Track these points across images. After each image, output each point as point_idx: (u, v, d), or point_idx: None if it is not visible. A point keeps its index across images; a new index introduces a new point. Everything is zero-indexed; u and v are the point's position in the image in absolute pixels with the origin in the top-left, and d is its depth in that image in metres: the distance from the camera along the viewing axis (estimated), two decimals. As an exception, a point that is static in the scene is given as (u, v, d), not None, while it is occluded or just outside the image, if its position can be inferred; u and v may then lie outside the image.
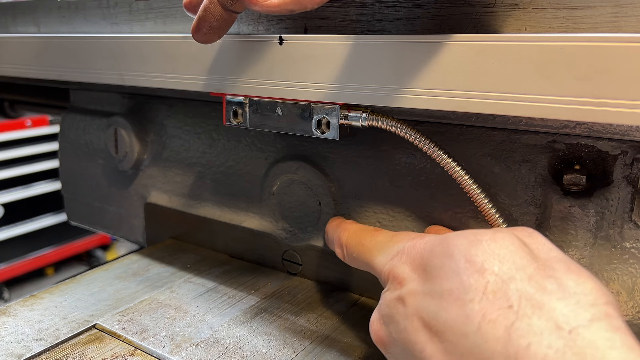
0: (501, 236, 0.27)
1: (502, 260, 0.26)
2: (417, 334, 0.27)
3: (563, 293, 0.24)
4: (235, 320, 0.44)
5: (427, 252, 0.30)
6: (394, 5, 0.37)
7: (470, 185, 0.37)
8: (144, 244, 0.64)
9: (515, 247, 0.27)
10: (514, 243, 0.27)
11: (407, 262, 0.31)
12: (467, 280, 0.26)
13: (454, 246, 0.28)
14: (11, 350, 0.39)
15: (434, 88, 0.32)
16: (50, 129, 2.10)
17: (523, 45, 0.28)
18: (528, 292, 0.24)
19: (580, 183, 0.36)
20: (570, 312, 0.23)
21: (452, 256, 0.27)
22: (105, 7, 0.54)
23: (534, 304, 0.24)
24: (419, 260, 0.30)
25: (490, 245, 0.27)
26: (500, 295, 0.25)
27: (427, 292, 0.28)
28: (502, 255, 0.26)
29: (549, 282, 0.25)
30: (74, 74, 0.53)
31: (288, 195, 0.51)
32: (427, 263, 0.29)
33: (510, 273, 0.25)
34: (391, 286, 0.31)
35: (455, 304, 0.26)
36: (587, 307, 0.24)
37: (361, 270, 0.38)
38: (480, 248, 0.27)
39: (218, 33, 0.36)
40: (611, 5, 0.29)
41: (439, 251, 0.29)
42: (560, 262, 0.26)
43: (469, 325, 0.25)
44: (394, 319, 0.30)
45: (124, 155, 0.62)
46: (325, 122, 0.39)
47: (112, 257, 2.34)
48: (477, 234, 0.28)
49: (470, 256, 0.27)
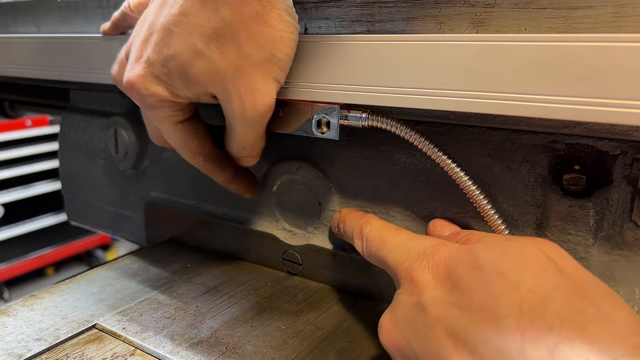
0: (530, 251, 0.27)
1: (535, 277, 0.26)
2: (440, 344, 0.27)
3: (603, 319, 0.24)
4: (235, 320, 0.44)
5: (452, 261, 0.29)
6: (394, 5, 0.37)
7: (469, 185, 0.37)
8: (144, 244, 0.64)
9: (546, 263, 0.27)
10: (543, 258, 0.27)
11: (428, 268, 0.30)
12: (500, 295, 0.25)
13: (483, 258, 0.27)
14: (11, 350, 0.39)
15: (434, 88, 0.32)
16: (50, 129, 2.10)
17: (523, 45, 0.28)
18: (567, 315, 0.24)
19: (580, 183, 0.36)
20: (613, 340, 0.23)
21: (481, 268, 0.27)
22: (105, 7, 0.54)
23: (575, 328, 0.24)
24: (443, 269, 0.29)
25: (521, 260, 0.27)
26: (537, 314, 0.24)
27: (453, 303, 0.27)
28: (534, 271, 0.26)
29: (587, 305, 0.25)
30: (74, 74, 0.53)
31: (288, 195, 0.51)
32: (452, 272, 0.28)
33: (546, 291, 0.25)
34: (408, 289, 0.31)
35: (488, 319, 0.25)
36: (629, 336, 0.23)
37: (361, 270, 0.38)
38: (511, 261, 0.27)
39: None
40: (611, 5, 0.29)
41: (467, 262, 0.28)
42: (591, 283, 0.26)
43: (509, 343, 0.24)
44: (412, 325, 0.29)
45: (124, 155, 0.62)
46: (325, 122, 0.39)
47: (112, 257, 2.34)
48: (505, 247, 0.28)
49: (501, 270, 0.26)
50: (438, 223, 0.41)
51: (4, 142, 1.98)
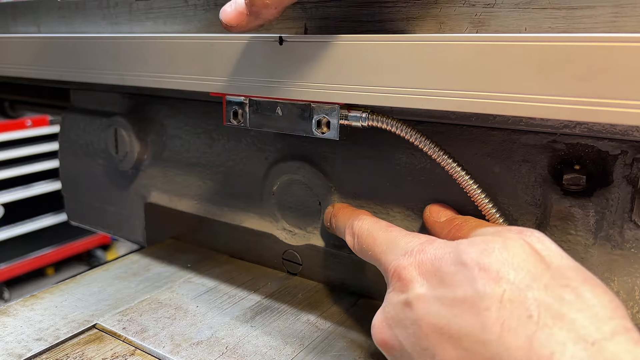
0: (512, 244, 0.28)
1: (516, 269, 0.26)
2: (428, 339, 0.28)
3: (582, 304, 0.24)
4: (236, 320, 0.44)
5: (437, 258, 0.30)
6: (394, 5, 0.37)
7: (471, 185, 0.37)
8: (144, 244, 0.64)
9: (528, 255, 0.27)
10: (525, 250, 0.27)
11: (414, 265, 0.31)
12: (482, 288, 0.26)
13: (466, 254, 0.28)
14: (11, 350, 0.39)
15: (434, 88, 0.32)
16: (50, 129, 2.10)
17: (523, 45, 0.28)
18: (546, 302, 0.25)
19: (580, 183, 0.36)
20: (591, 325, 0.23)
21: (464, 264, 0.28)
22: (105, 7, 0.54)
23: (553, 314, 0.24)
24: (429, 266, 0.30)
25: (503, 253, 0.27)
26: (517, 304, 0.25)
27: (438, 298, 0.28)
28: (515, 263, 0.26)
29: (566, 292, 0.25)
30: (74, 74, 0.53)
31: (288, 195, 0.51)
32: (437, 269, 0.29)
33: (526, 282, 0.26)
34: (396, 287, 0.31)
35: (470, 312, 0.26)
36: (607, 320, 0.24)
37: (361, 270, 0.38)
38: (493, 256, 0.27)
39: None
40: (611, 5, 0.29)
41: (451, 258, 0.29)
42: (573, 270, 0.27)
43: (488, 334, 0.25)
44: (401, 322, 0.30)
45: (124, 155, 0.62)
46: (325, 122, 0.39)
47: (112, 257, 2.34)
48: (488, 242, 0.28)
49: (484, 264, 0.27)
50: (434, 208, 0.41)
51: (4, 142, 1.97)
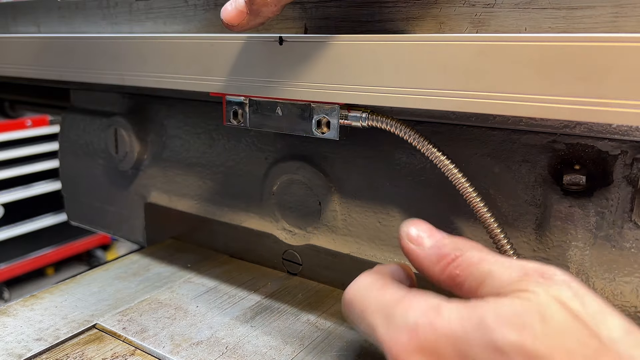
0: (550, 312, 0.23)
1: (569, 354, 0.22)
2: None
3: None
4: (236, 320, 0.44)
5: (460, 339, 0.24)
6: (394, 5, 0.37)
7: (466, 187, 0.36)
8: (144, 244, 0.64)
9: (574, 328, 0.23)
10: (568, 320, 0.23)
11: (422, 352, 0.25)
12: None
13: (499, 334, 0.23)
14: (11, 350, 0.39)
15: (433, 88, 0.32)
16: (50, 129, 2.10)
17: (523, 45, 0.28)
18: None
19: (580, 183, 0.36)
20: None
21: (501, 350, 0.22)
22: (105, 7, 0.54)
23: None
24: (450, 351, 0.24)
25: (546, 330, 0.22)
26: None
27: None
28: (567, 346, 0.22)
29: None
30: (74, 74, 0.53)
31: (288, 195, 0.51)
32: (465, 354, 0.24)
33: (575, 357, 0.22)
34: None
35: None
36: None
37: (361, 270, 0.37)
38: (537, 338, 0.22)
39: None
40: (611, 5, 0.29)
41: (480, 340, 0.23)
42: (623, 342, 0.23)
43: None
44: None
45: (124, 155, 0.62)
46: (325, 122, 0.39)
47: (112, 257, 2.34)
48: (520, 314, 0.23)
49: (527, 351, 0.22)
50: (412, 232, 0.31)
51: (4, 142, 1.97)
